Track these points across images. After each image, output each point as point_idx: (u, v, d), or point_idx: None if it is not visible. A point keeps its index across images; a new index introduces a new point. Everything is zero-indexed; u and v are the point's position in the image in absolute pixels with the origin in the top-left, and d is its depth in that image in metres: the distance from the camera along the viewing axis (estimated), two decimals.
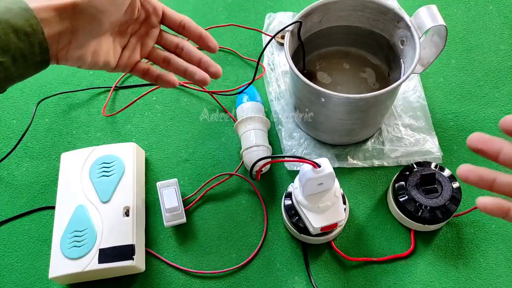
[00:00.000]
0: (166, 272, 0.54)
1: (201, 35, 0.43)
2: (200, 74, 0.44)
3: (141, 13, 0.41)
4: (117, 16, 0.38)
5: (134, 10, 0.40)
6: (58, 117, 0.66)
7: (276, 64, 0.67)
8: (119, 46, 0.41)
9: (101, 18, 0.37)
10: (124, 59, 0.42)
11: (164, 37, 0.44)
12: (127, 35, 0.42)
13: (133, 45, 0.42)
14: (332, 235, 0.53)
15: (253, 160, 0.53)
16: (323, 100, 0.52)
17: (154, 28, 0.43)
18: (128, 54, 0.42)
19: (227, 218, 0.58)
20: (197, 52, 0.44)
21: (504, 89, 0.65)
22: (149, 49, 0.44)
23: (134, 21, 0.41)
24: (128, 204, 0.54)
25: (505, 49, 0.68)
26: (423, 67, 0.55)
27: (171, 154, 0.62)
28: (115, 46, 0.41)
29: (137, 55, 0.43)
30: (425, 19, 0.50)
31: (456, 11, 0.72)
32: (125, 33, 0.42)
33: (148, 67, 0.44)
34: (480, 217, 0.56)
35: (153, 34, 0.43)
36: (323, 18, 0.58)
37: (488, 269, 0.53)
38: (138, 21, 0.42)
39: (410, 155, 0.60)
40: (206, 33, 0.44)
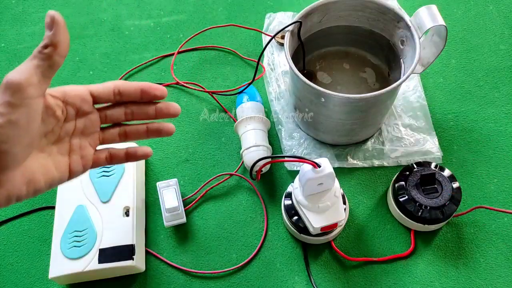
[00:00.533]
0: (166, 272, 0.54)
1: (142, 89, 0.38)
2: (165, 126, 0.40)
3: (68, 110, 0.36)
4: (32, 137, 0.32)
5: (55, 114, 0.34)
6: None
7: (276, 64, 0.67)
8: (61, 155, 0.36)
9: (9, 150, 0.30)
10: (76, 164, 0.37)
11: (107, 115, 0.38)
12: (66, 139, 0.36)
13: (78, 144, 0.37)
14: (332, 235, 0.53)
15: (253, 160, 0.53)
16: (323, 100, 0.52)
17: (91, 114, 0.37)
18: (78, 157, 0.37)
19: (227, 218, 0.58)
20: (147, 107, 0.39)
21: (504, 89, 0.65)
22: (98, 138, 0.38)
23: (64, 122, 0.36)
24: (128, 204, 0.54)
25: (505, 49, 0.68)
26: (423, 67, 0.55)
27: (171, 154, 0.62)
28: (55, 158, 0.35)
29: (89, 151, 0.38)
30: (425, 19, 0.50)
31: (456, 11, 0.72)
32: (62, 139, 0.36)
33: (109, 152, 0.39)
34: (480, 217, 0.56)
35: (94, 121, 0.38)
36: (323, 18, 0.58)
37: (488, 269, 0.53)
38: (69, 119, 0.36)
39: (410, 155, 0.60)
40: (145, 84, 0.38)
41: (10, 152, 0.31)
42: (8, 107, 0.30)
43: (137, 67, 0.69)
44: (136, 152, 0.40)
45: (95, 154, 0.39)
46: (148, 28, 0.73)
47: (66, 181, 0.36)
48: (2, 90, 0.30)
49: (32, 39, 0.73)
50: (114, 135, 0.39)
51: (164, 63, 0.70)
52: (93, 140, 0.38)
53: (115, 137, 0.40)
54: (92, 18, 0.74)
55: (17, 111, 0.30)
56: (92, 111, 0.37)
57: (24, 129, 0.31)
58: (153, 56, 0.70)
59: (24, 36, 0.73)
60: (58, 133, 0.35)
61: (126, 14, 0.75)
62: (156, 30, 0.73)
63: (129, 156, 0.40)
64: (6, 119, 0.30)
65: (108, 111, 0.39)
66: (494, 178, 0.58)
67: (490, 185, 0.58)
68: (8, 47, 0.72)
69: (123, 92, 0.38)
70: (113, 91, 0.37)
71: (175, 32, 0.72)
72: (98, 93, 0.37)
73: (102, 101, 0.38)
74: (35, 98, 0.31)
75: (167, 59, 0.70)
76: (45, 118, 0.34)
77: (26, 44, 0.72)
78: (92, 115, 0.37)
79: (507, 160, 0.60)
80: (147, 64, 0.70)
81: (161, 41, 0.72)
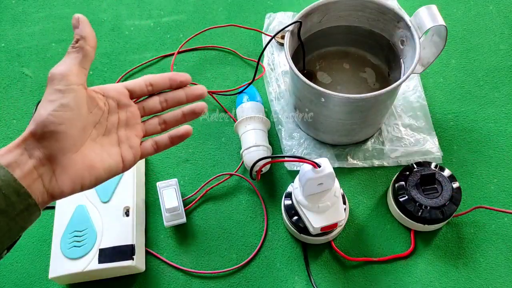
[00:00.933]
0: (166, 272, 0.54)
1: (169, 78, 0.42)
2: (197, 106, 0.43)
3: (110, 102, 0.39)
4: (83, 120, 0.36)
5: (99, 104, 0.38)
6: None
7: (276, 64, 0.67)
8: (112, 145, 0.39)
9: (67, 130, 0.34)
10: (127, 153, 0.40)
11: (144, 106, 0.42)
12: (113, 131, 0.40)
13: (125, 135, 0.40)
14: (332, 235, 0.53)
15: (253, 160, 0.53)
16: (323, 100, 0.52)
17: (131, 107, 0.41)
18: (127, 147, 0.40)
19: (227, 218, 0.58)
20: (178, 92, 0.43)
21: (504, 89, 0.65)
22: (141, 129, 0.42)
23: (109, 114, 0.39)
24: (128, 204, 0.54)
25: (505, 49, 0.68)
26: (423, 67, 0.55)
27: (171, 154, 0.62)
28: (108, 149, 0.38)
29: (136, 141, 0.41)
30: (425, 19, 0.50)
31: (456, 11, 0.72)
32: (110, 131, 0.39)
33: (154, 140, 0.42)
34: (480, 217, 0.56)
35: (135, 113, 0.41)
36: (323, 18, 0.58)
37: (488, 269, 0.53)
38: (112, 111, 0.40)
39: (410, 155, 0.60)
40: (171, 74, 0.42)
41: (68, 133, 0.35)
42: (58, 93, 0.35)
43: (137, 67, 0.69)
44: (178, 132, 0.43)
45: (141, 144, 0.42)
46: (148, 28, 0.73)
47: (121, 171, 0.39)
48: (49, 82, 0.35)
49: (32, 39, 0.73)
50: (155, 125, 0.43)
51: (164, 63, 0.70)
52: (137, 131, 0.41)
53: (156, 127, 0.43)
54: (92, 18, 0.74)
55: (66, 96, 0.35)
56: (130, 104, 0.41)
57: (76, 112, 0.35)
58: (153, 56, 0.70)
59: (24, 36, 0.73)
60: (105, 125, 0.39)
61: (126, 14, 0.75)
62: (156, 30, 0.73)
63: (173, 139, 0.43)
64: (59, 103, 0.34)
65: (145, 103, 0.42)
66: (494, 178, 0.58)
67: (490, 185, 0.58)
68: (8, 47, 0.72)
69: (154, 83, 0.42)
70: (145, 83, 0.41)
71: (175, 32, 0.72)
72: (133, 86, 0.41)
73: (137, 94, 0.41)
74: (78, 85, 0.36)
75: (167, 59, 0.70)
76: (91, 108, 0.37)
77: (26, 44, 0.72)
78: (131, 108, 0.41)
79: (507, 160, 0.60)
80: (147, 64, 0.70)
81: (161, 41, 0.72)
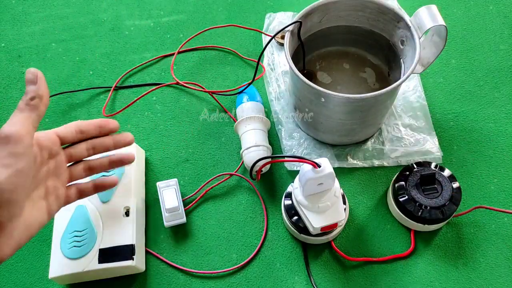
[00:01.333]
0: (166, 272, 0.54)
1: (99, 126, 0.43)
2: (125, 156, 0.44)
3: (43, 154, 0.38)
4: (30, 180, 0.35)
5: (37, 160, 0.37)
6: (58, 117, 0.66)
7: (276, 64, 0.67)
8: (40, 199, 0.38)
9: (18, 198, 0.33)
10: (53, 204, 0.39)
11: (72, 153, 0.42)
12: (42, 183, 0.38)
13: (53, 186, 0.40)
14: (332, 235, 0.53)
15: (253, 160, 0.53)
16: (323, 100, 0.52)
17: (58, 155, 0.41)
18: (53, 198, 0.40)
19: (227, 218, 0.58)
20: (106, 139, 0.44)
21: (504, 89, 0.65)
22: (67, 176, 0.42)
23: (40, 166, 0.38)
24: (128, 204, 0.54)
25: (505, 49, 0.68)
26: (423, 67, 0.55)
27: (171, 154, 0.62)
28: (38, 204, 0.37)
29: (62, 191, 0.41)
30: (425, 19, 0.49)
31: (456, 11, 0.72)
32: (39, 183, 0.38)
33: (78, 188, 0.43)
34: (480, 217, 0.56)
35: (62, 160, 0.41)
36: (323, 18, 0.58)
37: (488, 269, 0.53)
38: (44, 163, 0.39)
39: (410, 155, 0.60)
40: (101, 121, 0.43)
41: (19, 200, 0.33)
42: (13, 157, 0.33)
43: (137, 67, 0.69)
44: (103, 182, 0.44)
45: (65, 192, 0.41)
46: (148, 28, 0.73)
47: (45, 224, 0.39)
48: (3, 143, 0.33)
49: (32, 39, 0.73)
50: (80, 171, 0.43)
51: (164, 63, 0.70)
52: (63, 179, 0.41)
53: (81, 173, 0.43)
54: (92, 18, 0.75)
55: (21, 160, 0.33)
56: (59, 152, 0.41)
57: (28, 177, 0.34)
58: (153, 56, 0.70)
59: (24, 36, 0.73)
60: (37, 177, 0.38)
61: (126, 14, 0.75)
62: (156, 30, 0.73)
63: (98, 188, 0.44)
64: (15, 169, 0.32)
65: (72, 150, 0.42)
66: (494, 178, 0.58)
67: (490, 185, 0.58)
68: (8, 47, 0.72)
69: (84, 130, 0.42)
70: (76, 131, 0.41)
71: (175, 32, 0.72)
72: (64, 134, 0.41)
73: (67, 141, 0.41)
74: (31, 147, 0.35)
75: (167, 59, 0.70)
76: (35, 167, 0.37)
77: (26, 44, 0.72)
78: (59, 155, 0.41)
79: (507, 160, 0.60)
80: (147, 64, 0.70)
81: (161, 41, 0.72)
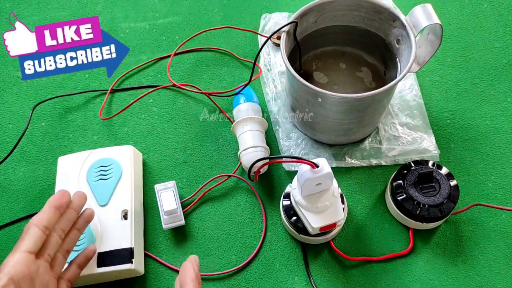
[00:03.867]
0: (165, 275, 0.54)
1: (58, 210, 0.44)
2: (86, 217, 0.48)
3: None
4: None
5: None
6: (54, 121, 0.65)
7: (273, 65, 0.67)
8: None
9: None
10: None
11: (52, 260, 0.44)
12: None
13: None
14: (331, 235, 0.53)
15: (251, 161, 0.53)
16: (320, 100, 0.52)
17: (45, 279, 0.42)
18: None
19: (225, 220, 0.57)
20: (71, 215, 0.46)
21: (499, 86, 0.65)
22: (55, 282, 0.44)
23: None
24: (126, 207, 0.54)
25: (500, 47, 0.68)
26: (419, 66, 0.55)
27: (169, 156, 0.62)
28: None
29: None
30: (421, 18, 0.50)
31: (451, 9, 0.73)
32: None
33: (67, 279, 0.45)
34: (478, 215, 0.56)
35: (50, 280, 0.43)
36: (319, 18, 0.58)
37: (486, 266, 0.53)
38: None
39: (407, 153, 0.60)
40: (54, 203, 0.44)
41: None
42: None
43: (133, 70, 0.69)
44: (84, 256, 0.48)
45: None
46: (143, 30, 0.73)
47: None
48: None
49: None
50: (62, 261, 0.45)
51: (160, 65, 0.70)
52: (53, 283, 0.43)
53: (63, 261, 0.45)
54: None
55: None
56: (44, 278, 0.42)
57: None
58: (149, 59, 0.70)
59: None
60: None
61: (121, 16, 0.74)
62: (151, 32, 0.73)
63: (81, 265, 0.47)
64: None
65: (52, 258, 0.43)
66: (491, 175, 0.59)
67: (487, 183, 0.58)
68: (3, 50, 0.72)
69: (48, 225, 0.43)
70: (43, 234, 0.42)
71: (170, 34, 0.72)
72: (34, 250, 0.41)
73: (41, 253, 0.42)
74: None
75: (163, 61, 0.70)
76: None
77: None
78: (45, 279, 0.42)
79: (504, 157, 0.60)
80: (143, 66, 0.69)
81: (157, 43, 0.71)
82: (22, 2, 0.76)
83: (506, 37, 0.69)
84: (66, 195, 0.45)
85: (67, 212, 0.45)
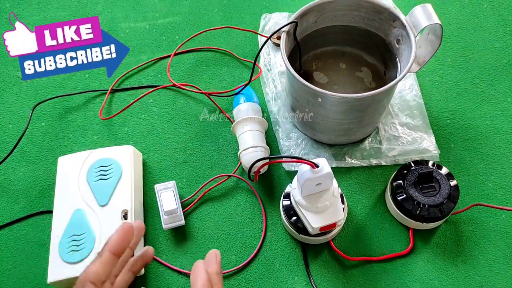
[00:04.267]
0: (165, 275, 0.54)
1: (126, 240, 0.40)
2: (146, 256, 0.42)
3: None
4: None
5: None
6: (54, 121, 0.65)
7: (273, 65, 0.67)
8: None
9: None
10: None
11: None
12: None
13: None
14: (331, 235, 0.53)
15: (251, 161, 0.53)
16: (320, 100, 0.52)
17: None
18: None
19: (225, 220, 0.57)
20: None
21: (499, 86, 0.65)
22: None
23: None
24: (126, 207, 0.54)
25: (500, 47, 0.68)
26: (419, 66, 0.55)
27: (169, 156, 0.62)
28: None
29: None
30: (421, 18, 0.50)
31: (451, 9, 0.73)
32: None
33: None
34: (478, 215, 0.56)
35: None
36: (319, 18, 0.58)
37: (486, 266, 0.53)
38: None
39: (407, 153, 0.60)
40: (121, 234, 0.40)
41: None
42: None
43: (133, 70, 0.69)
44: (138, 261, 0.41)
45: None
46: (143, 31, 0.73)
47: None
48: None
49: None
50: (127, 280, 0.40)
51: (160, 65, 0.70)
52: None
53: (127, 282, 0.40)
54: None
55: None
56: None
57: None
58: (149, 58, 0.70)
59: None
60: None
61: (121, 16, 0.74)
62: (151, 32, 0.73)
63: (135, 270, 0.41)
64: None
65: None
66: (491, 175, 0.59)
67: (487, 183, 0.58)
68: (3, 50, 0.72)
69: (115, 251, 0.39)
70: (111, 258, 0.38)
71: (170, 34, 0.72)
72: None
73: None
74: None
75: (163, 61, 0.70)
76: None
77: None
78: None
79: (504, 157, 0.60)
80: (143, 66, 0.69)
81: (157, 43, 0.71)
82: (22, 2, 0.76)
83: (506, 37, 0.69)
84: (129, 235, 0.39)
85: (124, 253, 0.39)
